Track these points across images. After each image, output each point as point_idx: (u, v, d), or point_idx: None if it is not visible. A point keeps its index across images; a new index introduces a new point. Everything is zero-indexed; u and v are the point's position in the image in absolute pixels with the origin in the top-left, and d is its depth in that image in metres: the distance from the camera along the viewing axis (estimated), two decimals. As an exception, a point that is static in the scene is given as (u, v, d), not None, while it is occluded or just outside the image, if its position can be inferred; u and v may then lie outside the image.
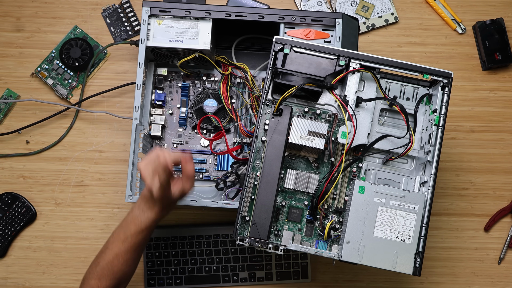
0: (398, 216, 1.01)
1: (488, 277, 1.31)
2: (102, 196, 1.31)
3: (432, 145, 1.04)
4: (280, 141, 1.02)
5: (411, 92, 1.11)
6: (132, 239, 1.04)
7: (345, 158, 1.03)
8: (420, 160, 1.08)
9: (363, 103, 1.08)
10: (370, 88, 1.08)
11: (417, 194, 1.02)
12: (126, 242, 1.04)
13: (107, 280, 1.04)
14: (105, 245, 1.07)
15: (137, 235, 1.04)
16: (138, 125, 1.16)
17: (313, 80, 1.05)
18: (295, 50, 1.06)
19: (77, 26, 1.33)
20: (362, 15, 1.35)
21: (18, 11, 1.34)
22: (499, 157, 1.33)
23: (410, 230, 1.01)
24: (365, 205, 1.01)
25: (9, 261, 1.29)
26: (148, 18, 1.17)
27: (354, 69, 1.05)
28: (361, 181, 1.02)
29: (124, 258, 1.05)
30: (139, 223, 1.04)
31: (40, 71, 1.32)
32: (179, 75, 1.27)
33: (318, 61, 1.07)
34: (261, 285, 1.29)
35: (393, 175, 1.10)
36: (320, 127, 1.02)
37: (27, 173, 1.31)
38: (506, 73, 1.35)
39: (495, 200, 1.33)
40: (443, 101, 1.05)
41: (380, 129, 1.10)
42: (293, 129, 1.02)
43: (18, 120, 1.32)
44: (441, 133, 1.04)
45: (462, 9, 1.37)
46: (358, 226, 1.01)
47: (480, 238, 1.32)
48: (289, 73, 1.06)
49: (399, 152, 1.07)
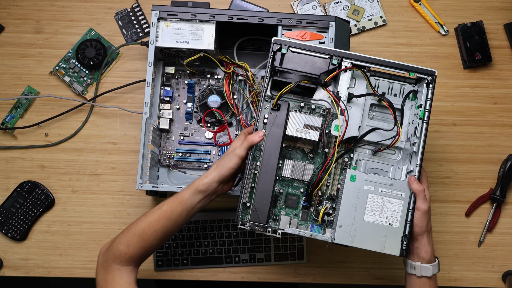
0: (386, 202, 1.01)
1: (469, 258, 1.32)
2: (115, 184, 1.31)
3: (417, 137, 1.04)
4: (278, 133, 1.01)
5: (398, 88, 1.11)
6: (171, 209, 1.02)
7: (337, 149, 1.03)
8: (407, 151, 1.08)
9: (354, 99, 1.08)
10: (361, 85, 1.09)
11: (403, 182, 1.02)
12: (164, 212, 1.02)
13: (135, 248, 1.02)
14: (143, 215, 1.05)
15: (176, 209, 1.02)
16: (148, 119, 1.17)
17: (308, 77, 1.06)
18: (292, 50, 1.07)
19: (92, 28, 1.34)
20: (354, 18, 1.36)
21: (37, 14, 1.34)
22: (479, 149, 1.34)
23: (397, 215, 1.01)
24: (356, 192, 1.01)
25: (30, 244, 1.31)
26: (157, 21, 1.18)
27: (346, 67, 1.06)
28: (352, 170, 1.02)
29: (156, 229, 1.02)
30: (181, 197, 1.03)
31: (58, 70, 1.33)
32: (186, 73, 1.28)
33: (313, 60, 1.07)
34: (261, 266, 1.30)
35: (382, 165, 1.10)
36: (315, 120, 1.03)
37: (46, 163, 1.32)
38: (486, 71, 1.35)
39: (475, 188, 1.33)
40: (428, 97, 1.05)
41: (370, 122, 1.10)
42: (290, 123, 1.03)
43: (37, 115, 1.32)
44: (425, 126, 1.04)
45: (445, 13, 1.37)
46: (350, 211, 1.01)
47: (461, 223, 1.33)
48: (286, 71, 1.06)
49: (387, 143, 1.07)
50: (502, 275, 1.32)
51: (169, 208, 1.03)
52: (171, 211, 1.03)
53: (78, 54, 1.32)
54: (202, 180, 1.03)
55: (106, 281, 1.02)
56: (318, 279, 1.32)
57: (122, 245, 1.02)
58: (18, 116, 1.32)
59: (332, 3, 1.36)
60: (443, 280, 1.32)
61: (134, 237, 1.02)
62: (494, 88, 1.36)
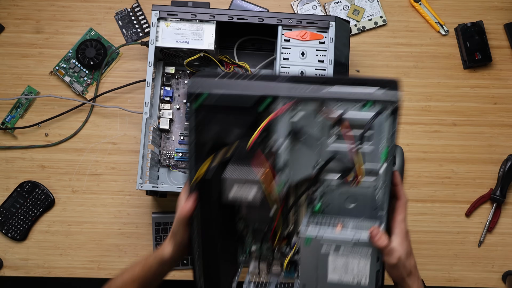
0: (351, 261, 0.82)
1: (469, 258, 1.32)
2: (115, 184, 1.31)
3: (381, 188, 0.80)
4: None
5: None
6: (146, 263, 0.92)
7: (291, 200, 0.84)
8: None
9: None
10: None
11: (367, 240, 0.80)
12: (135, 269, 0.93)
13: None
14: (121, 272, 0.95)
15: (151, 264, 0.91)
16: (148, 119, 1.17)
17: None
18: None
19: (92, 28, 1.34)
20: (354, 18, 1.36)
21: (38, 14, 1.34)
22: (479, 149, 1.34)
23: (366, 272, 0.82)
24: (314, 256, 0.82)
25: (30, 244, 1.30)
26: (157, 21, 1.18)
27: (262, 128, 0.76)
28: (307, 232, 0.81)
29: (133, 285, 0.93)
30: (157, 255, 0.91)
31: (58, 69, 1.33)
32: (186, 73, 1.28)
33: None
34: (261, 266, 1.31)
35: (357, 189, 0.84)
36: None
37: (46, 163, 1.31)
38: (486, 71, 1.35)
39: (475, 188, 1.33)
40: (393, 129, 0.75)
41: (333, 145, 0.81)
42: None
43: (38, 115, 1.32)
44: (389, 170, 0.78)
45: (445, 13, 1.37)
46: (311, 273, 0.84)
47: (461, 223, 1.32)
48: None
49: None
50: (502, 275, 1.32)
51: (143, 267, 0.93)
52: (146, 271, 0.93)
53: (78, 54, 1.32)
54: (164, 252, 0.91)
55: None
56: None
57: None
58: (18, 116, 1.32)
59: (332, 3, 1.36)
60: (443, 280, 1.32)
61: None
62: (494, 88, 1.35)
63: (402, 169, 1.31)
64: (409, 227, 1.26)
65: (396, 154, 1.30)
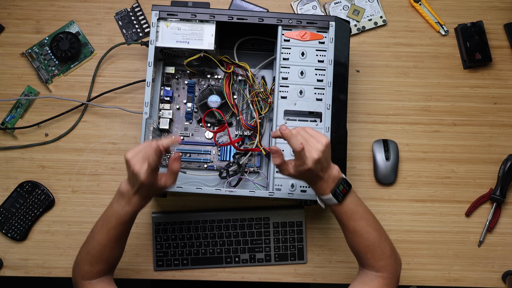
0: None
1: (469, 258, 1.32)
2: (115, 184, 1.31)
3: None
4: None
5: None
6: (115, 231, 1.03)
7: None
8: None
9: None
10: None
11: None
12: (110, 233, 1.04)
13: (99, 265, 1.06)
14: (90, 235, 1.07)
15: (118, 227, 1.03)
16: (148, 119, 1.16)
17: None
18: None
19: (74, 21, 1.33)
20: (354, 18, 1.35)
21: (37, 14, 1.34)
22: (479, 148, 1.33)
23: None
24: None
25: (30, 244, 1.30)
26: (157, 21, 1.17)
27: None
28: None
29: (110, 246, 1.05)
30: (119, 217, 1.02)
31: (30, 53, 1.32)
32: (186, 73, 1.28)
33: None
34: (261, 266, 1.30)
35: None
36: None
37: (46, 163, 1.31)
38: (485, 71, 1.35)
39: (475, 188, 1.33)
40: None
41: None
42: None
43: (37, 115, 1.32)
44: None
45: (445, 13, 1.36)
46: None
47: (461, 222, 1.32)
48: None
49: None
50: (502, 275, 1.32)
51: (116, 231, 1.04)
52: (119, 232, 1.05)
53: (53, 44, 1.31)
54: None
55: None
56: (318, 279, 1.31)
57: (86, 265, 1.06)
58: (18, 116, 1.32)
59: (332, 3, 1.35)
60: (443, 280, 1.32)
61: (95, 257, 1.05)
62: (494, 88, 1.35)
63: (396, 164, 1.31)
64: (409, 227, 1.28)
65: (391, 149, 1.30)
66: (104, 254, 1.05)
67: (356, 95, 1.34)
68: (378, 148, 1.31)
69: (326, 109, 1.16)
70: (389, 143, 1.31)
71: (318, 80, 1.18)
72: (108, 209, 1.05)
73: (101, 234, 1.04)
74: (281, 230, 1.29)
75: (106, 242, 1.04)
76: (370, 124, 1.33)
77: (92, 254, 1.05)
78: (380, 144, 1.31)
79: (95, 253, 1.05)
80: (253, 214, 1.29)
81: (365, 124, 1.33)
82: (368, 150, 1.33)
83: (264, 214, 1.29)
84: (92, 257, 1.05)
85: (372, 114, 1.34)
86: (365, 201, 1.30)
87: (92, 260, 1.06)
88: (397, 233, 1.32)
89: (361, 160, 1.33)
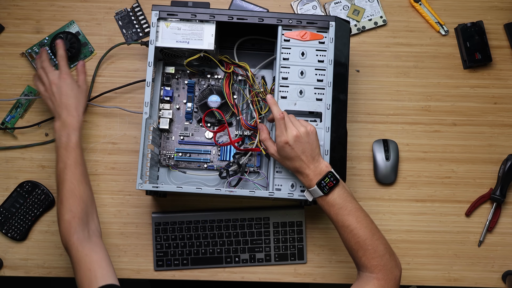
0: None
1: (469, 258, 1.32)
2: (115, 184, 1.31)
3: None
4: None
5: None
6: (71, 161, 1.13)
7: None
8: None
9: None
10: None
11: None
12: (70, 168, 1.13)
13: (76, 207, 1.11)
14: (57, 183, 1.14)
15: (72, 155, 1.14)
16: (148, 119, 1.16)
17: None
18: None
19: (74, 21, 1.33)
20: (354, 18, 1.35)
21: (37, 14, 1.34)
22: (479, 148, 1.33)
23: None
24: None
25: (30, 243, 1.30)
26: (157, 21, 1.17)
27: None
28: None
29: (77, 179, 1.13)
30: (69, 144, 1.15)
31: (30, 53, 1.32)
32: (186, 73, 1.28)
33: None
34: (261, 266, 1.30)
35: None
36: None
37: (46, 162, 1.31)
38: (485, 71, 1.35)
39: (475, 188, 1.33)
40: None
41: None
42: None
43: (37, 115, 1.32)
44: None
45: (445, 13, 1.36)
46: None
47: (461, 222, 1.32)
48: None
49: None
50: (502, 275, 1.31)
51: (72, 159, 1.14)
52: (76, 157, 1.15)
53: (53, 43, 1.30)
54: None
55: (79, 258, 1.09)
56: (318, 279, 1.31)
57: (66, 214, 1.11)
58: (18, 116, 1.32)
59: (332, 3, 1.35)
60: (443, 280, 1.31)
61: (69, 200, 1.11)
62: (494, 88, 1.35)
63: (396, 164, 1.31)
64: (409, 226, 1.27)
65: (391, 149, 1.30)
66: (75, 191, 1.12)
67: (356, 95, 1.34)
68: (378, 148, 1.31)
69: (326, 109, 1.16)
70: (389, 143, 1.31)
71: (318, 80, 1.18)
72: (57, 150, 1.15)
73: (64, 173, 1.13)
74: (281, 230, 1.29)
75: (70, 178, 1.12)
76: (370, 124, 1.33)
77: (66, 198, 1.11)
78: (380, 144, 1.31)
79: (68, 195, 1.11)
80: (253, 214, 1.29)
81: (365, 124, 1.33)
82: (368, 150, 1.33)
83: (264, 214, 1.29)
84: (67, 202, 1.11)
85: (372, 114, 1.34)
86: (365, 201, 1.31)
87: (68, 205, 1.11)
88: (397, 233, 1.32)
89: (361, 160, 1.33)
